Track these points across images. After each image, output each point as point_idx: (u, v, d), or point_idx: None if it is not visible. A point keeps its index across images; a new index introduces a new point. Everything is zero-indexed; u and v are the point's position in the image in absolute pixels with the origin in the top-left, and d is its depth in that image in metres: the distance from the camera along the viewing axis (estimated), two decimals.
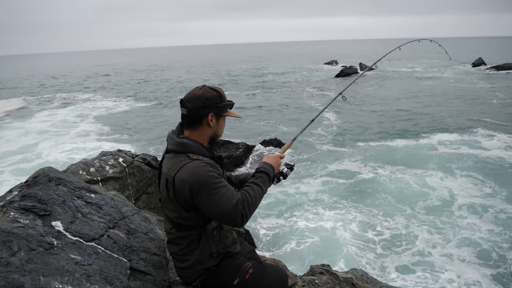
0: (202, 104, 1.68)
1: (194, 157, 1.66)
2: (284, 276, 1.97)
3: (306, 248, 7.14)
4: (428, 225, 7.81)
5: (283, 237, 7.59)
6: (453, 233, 7.42)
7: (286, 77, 38.88)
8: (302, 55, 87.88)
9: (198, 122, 1.72)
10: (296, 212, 8.62)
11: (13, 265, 1.48)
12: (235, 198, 1.61)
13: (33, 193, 1.90)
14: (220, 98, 1.73)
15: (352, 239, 7.35)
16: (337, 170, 11.13)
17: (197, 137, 1.74)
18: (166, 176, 1.68)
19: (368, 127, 16.34)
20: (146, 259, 2.01)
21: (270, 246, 7.31)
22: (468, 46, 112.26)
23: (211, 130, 1.76)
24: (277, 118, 19.04)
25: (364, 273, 3.50)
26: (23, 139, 16.13)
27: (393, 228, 7.77)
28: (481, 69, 39.14)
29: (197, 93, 1.71)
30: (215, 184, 1.59)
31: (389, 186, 9.77)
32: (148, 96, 29.08)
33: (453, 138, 13.96)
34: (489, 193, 9.10)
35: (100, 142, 15.42)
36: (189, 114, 1.71)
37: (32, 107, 25.54)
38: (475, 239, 7.14)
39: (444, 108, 20.20)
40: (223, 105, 1.75)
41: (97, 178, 3.95)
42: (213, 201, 1.58)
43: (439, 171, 10.67)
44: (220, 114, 1.75)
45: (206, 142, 1.78)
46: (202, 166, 1.61)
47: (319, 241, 7.34)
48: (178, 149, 1.69)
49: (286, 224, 8.11)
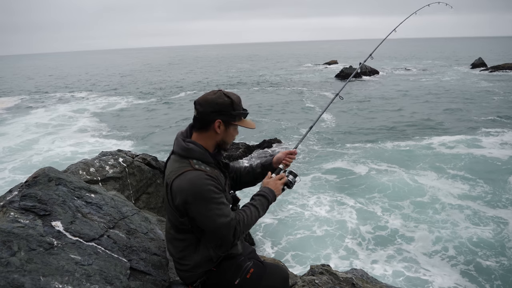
0: (211, 109, 1.65)
1: (196, 165, 1.63)
2: (285, 275, 1.97)
3: (306, 248, 7.15)
4: (425, 223, 7.85)
5: (283, 237, 7.59)
6: (452, 231, 7.45)
7: (286, 77, 38.88)
8: (302, 55, 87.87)
9: (206, 126, 1.69)
10: (296, 211, 8.62)
11: (13, 265, 1.48)
12: (230, 216, 1.60)
13: (33, 193, 1.90)
14: (232, 106, 1.67)
15: (352, 239, 7.36)
16: (337, 169, 11.13)
17: (204, 141, 1.71)
18: (167, 179, 1.68)
19: (366, 127, 16.36)
20: (146, 259, 2.01)
21: (270, 246, 7.31)
22: (468, 46, 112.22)
23: (218, 137, 1.72)
24: (276, 118, 19.04)
25: (364, 273, 3.50)
26: (22, 136, 16.18)
27: (392, 226, 7.80)
28: (481, 70, 39.13)
29: (209, 97, 1.67)
30: (212, 199, 1.57)
31: (387, 185, 9.79)
32: (147, 94, 29.09)
33: (452, 138, 13.96)
34: (490, 192, 9.14)
35: (100, 141, 15.42)
36: (199, 117, 1.68)
37: (31, 105, 25.59)
38: (473, 238, 7.16)
39: (444, 107, 20.21)
40: (234, 113, 1.69)
41: (97, 178, 3.95)
42: (208, 216, 1.57)
43: (437, 170, 10.69)
44: (229, 122, 1.70)
45: (212, 148, 1.74)
46: (202, 178, 1.59)
47: (319, 241, 7.35)
48: (182, 154, 1.67)
49: (286, 224, 8.11)
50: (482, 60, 42.84)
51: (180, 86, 34.92)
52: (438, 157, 11.90)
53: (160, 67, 65.42)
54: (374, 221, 8.05)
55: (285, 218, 8.36)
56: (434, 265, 6.46)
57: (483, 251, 6.76)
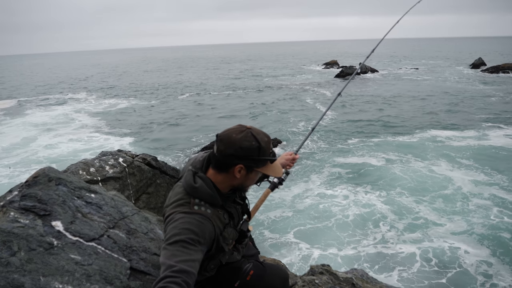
0: (234, 152, 1.44)
1: (196, 206, 1.45)
2: (285, 275, 1.97)
3: (306, 248, 7.15)
4: (447, 208, 8.29)
5: (283, 237, 7.59)
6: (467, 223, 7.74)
7: (286, 77, 38.89)
8: (303, 55, 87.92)
9: (224, 168, 1.50)
10: (296, 211, 8.62)
11: (13, 265, 1.48)
12: (183, 266, 1.27)
13: (33, 193, 1.90)
14: (258, 151, 1.46)
15: (352, 238, 7.36)
16: (337, 168, 11.15)
17: (219, 181, 1.52)
18: (165, 206, 1.56)
19: (368, 124, 16.42)
20: (146, 259, 2.00)
21: (269, 246, 7.31)
22: (468, 46, 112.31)
23: (237, 181, 1.53)
24: (276, 118, 19.04)
25: (364, 273, 3.50)
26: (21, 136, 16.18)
27: (415, 211, 8.25)
28: (481, 70, 39.13)
29: (234, 136, 1.45)
30: (183, 242, 1.32)
31: (404, 176, 10.19)
32: (147, 94, 29.09)
33: (457, 133, 14.43)
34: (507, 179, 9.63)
35: (100, 141, 15.42)
36: (218, 157, 1.48)
37: (30, 105, 25.58)
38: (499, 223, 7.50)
39: (445, 105, 20.25)
40: (259, 159, 1.48)
41: (97, 178, 3.95)
42: (165, 248, 1.35)
43: (450, 161, 11.19)
44: (252, 168, 1.50)
45: (227, 189, 1.56)
46: (191, 221, 1.39)
47: (319, 241, 7.34)
48: (187, 190, 1.50)
49: (286, 223, 8.10)
50: (482, 60, 42.84)
51: (180, 86, 34.93)
52: (448, 148, 12.41)
53: (160, 67, 65.42)
54: (399, 208, 8.46)
55: (286, 218, 8.36)
56: (465, 243, 6.86)
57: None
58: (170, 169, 4.94)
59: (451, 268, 6.29)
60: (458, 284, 5.86)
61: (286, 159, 2.09)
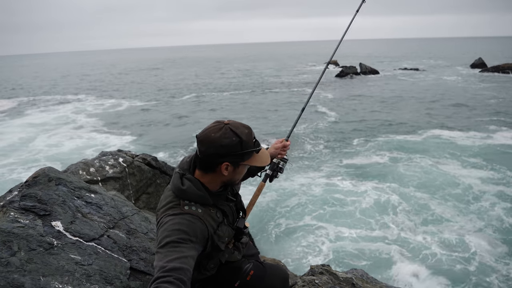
0: (215, 151, 1.40)
1: (186, 207, 1.43)
2: (285, 275, 1.97)
3: (306, 248, 7.14)
4: (458, 203, 8.40)
5: (283, 237, 7.59)
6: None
7: (285, 77, 38.89)
8: (303, 55, 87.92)
9: (210, 169, 1.47)
10: (295, 211, 8.62)
11: (13, 265, 1.48)
12: (174, 264, 1.25)
13: (33, 193, 1.90)
14: (241, 146, 1.42)
15: (352, 238, 7.36)
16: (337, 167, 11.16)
17: (207, 181, 1.50)
18: (157, 210, 1.56)
19: (370, 124, 16.44)
20: (146, 259, 2.00)
21: (269, 246, 7.30)
22: (468, 46, 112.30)
23: (226, 178, 1.50)
24: (276, 118, 19.04)
25: (364, 273, 3.49)
26: (20, 136, 16.17)
27: (425, 205, 8.37)
28: (481, 70, 39.11)
29: (213, 135, 1.40)
30: (174, 242, 1.31)
31: (412, 173, 10.27)
32: (147, 94, 29.08)
33: (461, 133, 14.46)
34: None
35: (99, 141, 15.42)
36: (201, 157, 1.45)
37: (30, 105, 25.57)
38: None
39: (446, 105, 20.25)
40: (244, 153, 1.44)
41: (97, 178, 3.95)
42: (157, 252, 1.33)
43: (455, 159, 11.28)
44: (238, 162, 1.47)
45: (217, 186, 1.54)
46: (181, 221, 1.38)
47: (319, 241, 7.34)
48: (176, 192, 1.49)
49: (286, 223, 8.10)
50: (482, 60, 42.82)
51: (180, 86, 34.92)
52: (453, 147, 12.50)
53: (160, 67, 65.42)
54: (410, 204, 8.57)
55: (286, 218, 8.35)
56: (480, 239, 6.93)
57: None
58: (170, 169, 4.95)
59: (466, 263, 6.36)
60: (478, 284, 5.88)
61: (276, 148, 2.02)
